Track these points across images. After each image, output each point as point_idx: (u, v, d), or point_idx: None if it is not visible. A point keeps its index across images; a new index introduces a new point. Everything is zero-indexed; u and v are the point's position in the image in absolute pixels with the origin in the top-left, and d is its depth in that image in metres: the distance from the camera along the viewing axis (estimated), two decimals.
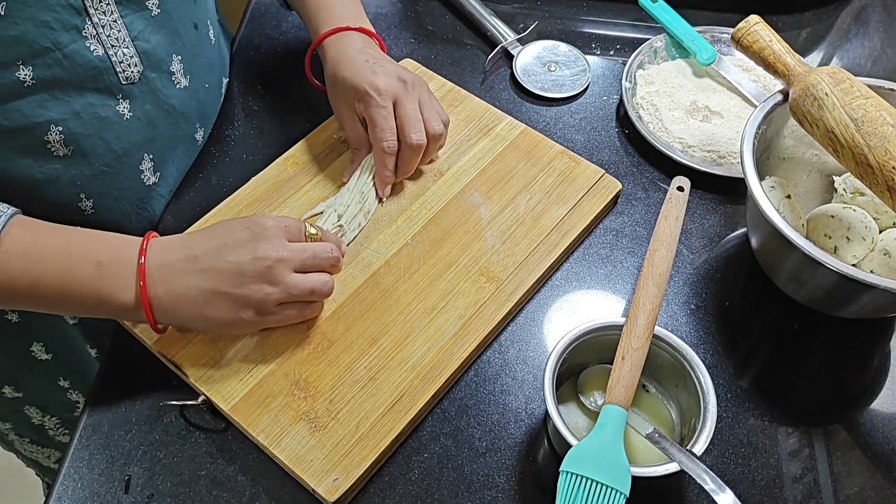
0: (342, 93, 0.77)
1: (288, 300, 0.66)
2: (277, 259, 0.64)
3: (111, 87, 0.69)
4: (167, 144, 0.78)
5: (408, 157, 0.76)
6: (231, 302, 0.64)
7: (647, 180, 0.84)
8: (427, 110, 0.77)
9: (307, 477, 0.63)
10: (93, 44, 0.66)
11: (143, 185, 0.77)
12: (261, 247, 0.64)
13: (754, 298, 0.76)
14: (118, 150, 0.72)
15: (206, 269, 0.64)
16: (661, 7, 0.95)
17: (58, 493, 0.64)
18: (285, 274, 0.65)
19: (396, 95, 0.75)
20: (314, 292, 0.66)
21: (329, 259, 0.68)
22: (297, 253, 0.66)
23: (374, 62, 0.76)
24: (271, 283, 0.64)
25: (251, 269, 0.63)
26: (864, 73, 0.90)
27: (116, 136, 0.71)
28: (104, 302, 0.63)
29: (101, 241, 0.65)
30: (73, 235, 0.64)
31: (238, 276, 0.63)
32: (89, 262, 0.62)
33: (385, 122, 0.75)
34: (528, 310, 0.75)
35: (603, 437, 0.58)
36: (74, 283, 0.62)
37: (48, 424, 0.96)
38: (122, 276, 0.63)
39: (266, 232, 0.65)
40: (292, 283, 0.65)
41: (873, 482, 0.66)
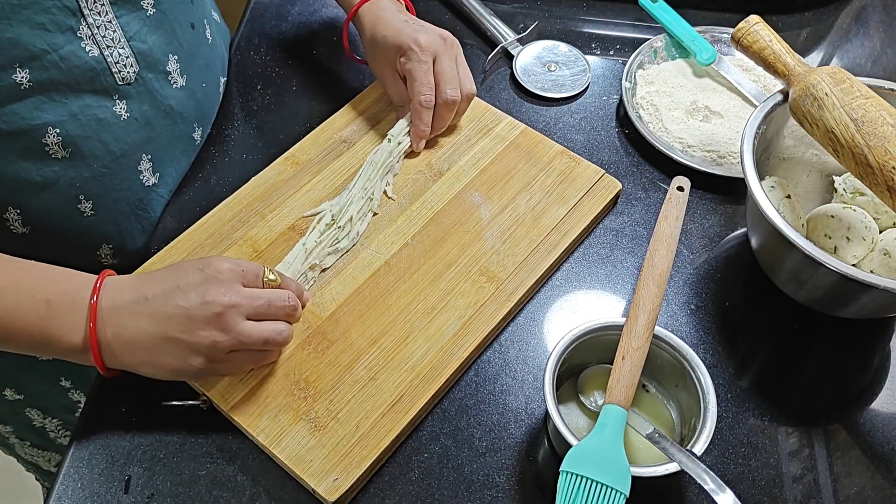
0: (384, 52, 0.81)
1: (239, 348, 0.62)
2: (228, 305, 0.60)
3: (108, 88, 0.69)
4: (165, 145, 0.78)
5: (442, 113, 0.80)
6: (180, 348, 0.60)
7: (647, 180, 0.84)
8: (462, 69, 0.81)
9: (307, 477, 0.63)
10: (88, 45, 0.66)
11: (143, 185, 0.77)
12: (211, 291, 0.60)
13: (754, 298, 0.76)
14: (116, 151, 0.72)
15: (155, 313, 0.60)
16: (661, 7, 0.95)
17: (58, 493, 0.64)
18: (237, 321, 0.61)
19: (437, 52, 0.79)
20: (268, 342, 0.63)
21: (285, 308, 0.64)
22: (251, 300, 0.62)
23: (412, 22, 0.81)
24: (222, 330, 0.60)
25: (200, 314, 0.60)
26: (864, 73, 0.90)
27: (114, 137, 0.71)
28: (51, 343, 0.61)
29: (53, 279, 0.62)
30: (24, 273, 0.62)
31: (187, 322, 0.60)
32: (38, 301, 0.60)
33: (424, 76, 0.78)
34: (528, 310, 0.75)
35: (603, 437, 0.58)
36: (20, 323, 0.59)
37: (49, 426, 0.96)
38: (70, 318, 0.60)
39: (219, 275, 0.62)
40: (245, 332, 0.61)
41: (873, 482, 0.66)
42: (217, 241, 0.76)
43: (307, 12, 1.00)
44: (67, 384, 0.90)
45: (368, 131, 0.85)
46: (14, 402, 0.89)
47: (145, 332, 0.61)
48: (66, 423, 0.97)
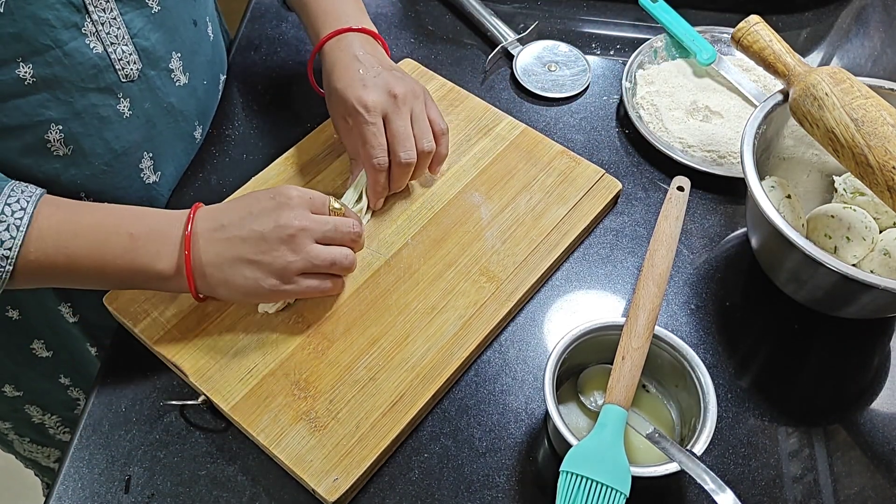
0: (335, 103, 0.76)
1: (309, 269, 0.66)
2: (300, 228, 0.65)
3: (111, 86, 0.69)
4: (167, 143, 0.78)
5: (398, 174, 0.75)
6: (254, 269, 0.65)
7: (647, 180, 0.84)
8: (418, 125, 0.75)
9: (307, 477, 0.63)
10: (92, 41, 0.66)
11: (144, 183, 0.77)
12: (284, 215, 0.65)
13: (754, 298, 0.76)
14: (118, 148, 0.72)
15: (231, 238, 0.65)
16: (661, 7, 0.95)
17: (58, 493, 0.64)
18: (307, 243, 0.65)
19: (385, 111, 0.73)
20: (335, 264, 0.67)
21: (350, 234, 0.68)
22: (320, 224, 0.66)
23: (366, 72, 0.74)
24: (293, 251, 0.65)
25: (274, 236, 0.64)
26: (864, 73, 0.90)
27: (116, 135, 0.71)
28: (138, 272, 0.64)
29: (132, 214, 0.66)
30: (104, 211, 0.66)
31: (261, 243, 0.64)
32: (122, 235, 0.64)
33: (374, 139, 0.73)
34: (528, 310, 0.75)
35: (603, 437, 0.58)
36: (108, 257, 0.63)
37: (48, 423, 0.96)
38: (154, 247, 0.64)
39: (290, 201, 0.66)
40: (314, 253, 0.66)
41: (873, 482, 0.66)
42: None
43: None
44: (66, 381, 0.90)
45: None
46: (13, 398, 0.89)
47: (221, 256, 0.65)
48: (66, 420, 0.97)
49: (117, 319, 0.72)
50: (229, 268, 0.65)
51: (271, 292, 0.66)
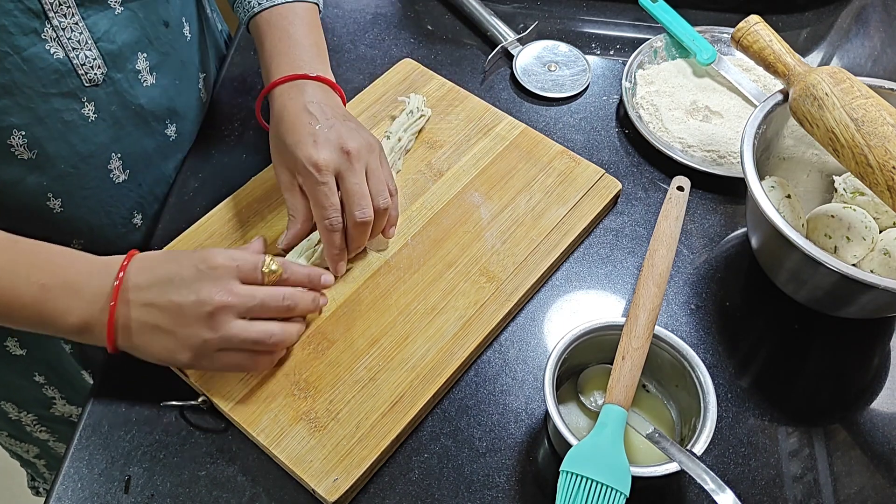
0: (282, 156, 0.71)
1: (228, 347, 0.62)
2: (220, 305, 0.61)
3: (74, 91, 0.68)
4: (136, 143, 0.76)
5: (355, 235, 0.70)
6: (170, 339, 0.62)
7: (647, 180, 0.84)
8: (374, 182, 0.70)
9: (307, 477, 0.63)
10: (53, 47, 0.65)
11: (113, 183, 0.76)
12: (205, 288, 0.61)
13: (754, 298, 0.76)
14: (84, 151, 0.71)
15: (149, 304, 0.62)
16: (661, 7, 0.95)
17: (58, 493, 0.64)
18: (227, 320, 0.61)
19: (338, 169, 0.68)
20: (257, 342, 0.63)
21: (279, 308, 0.64)
22: (244, 299, 0.62)
23: (319, 126, 0.69)
24: (211, 329, 0.61)
25: (192, 312, 0.61)
26: (864, 73, 0.90)
27: (82, 138, 0.70)
28: (46, 324, 0.62)
29: (50, 262, 0.63)
30: (21, 253, 0.63)
31: (178, 317, 0.61)
32: (32, 285, 0.61)
33: (326, 199, 0.68)
34: (528, 310, 0.75)
35: (603, 437, 0.58)
36: (16, 303, 0.61)
37: (25, 420, 0.95)
38: (65, 301, 0.61)
39: (214, 272, 0.62)
40: (234, 332, 0.61)
41: (873, 482, 0.66)
42: (217, 241, 0.76)
43: None
44: (41, 380, 0.90)
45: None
46: None
47: (139, 320, 0.62)
48: (42, 419, 0.96)
49: None
50: (144, 334, 0.62)
51: (188, 365, 0.64)
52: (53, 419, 0.97)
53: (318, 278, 0.69)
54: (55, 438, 1.01)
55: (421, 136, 0.84)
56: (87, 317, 0.62)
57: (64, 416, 0.97)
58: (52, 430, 0.99)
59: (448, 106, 0.87)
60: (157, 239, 0.79)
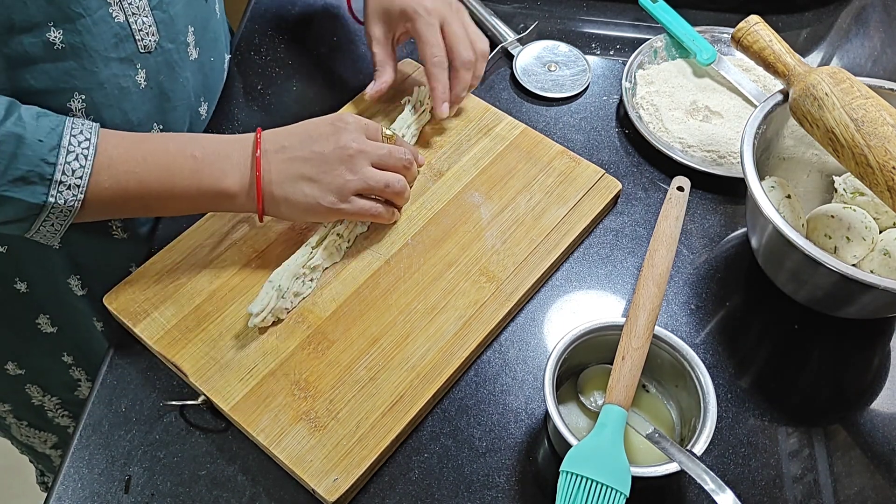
0: (385, 14, 0.80)
1: (364, 190, 0.71)
2: (358, 150, 0.70)
3: (130, 56, 0.70)
4: (177, 116, 0.79)
5: (461, 74, 0.80)
6: (314, 186, 0.69)
7: (647, 180, 0.84)
8: (472, 29, 0.81)
9: (307, 477, 0.63)
10: (115, 10, 0.66)
11: None
12: (343, 137, 0.70)
13: (754, 298, 0.76)
14: (134, 120, 0.73)
15: (293, 158, 0.69)
16: (661, 7, 0.95)
17: (58, 493, 0.64)
18: (364, 164, 0.70)
19: (443, 15, 0.79)
20: (388, 186, 0.72)
21: (402, 160, 0.73)
22: (376, 148, 0.71)
23: None
24: (351, 171, 0.69)
25: (334, 156, 0.69)
26: (864, 73, 0.90)
27: (133, 106, 0.72)
28: (205, 192, 0.68)
29: (193, 139, 0.70)
30: (166, 138, 0.70)
31: (321, 163, 0.69)
32: (187, 157, 0.67)
33: (434, 37, 0.79)
34: (528, 310, 0.75)
35: (603, 437, 0.58)
36: (176, 179, 0.67)
37: (48, 405, 0.96)
38: (219, 167, 0.68)
39: (348, 126, 0.71)
40: (370, 174, 0.70)
41: (873, 482, 0.66)
42: (217, 241, 0.76)
43: (307, 12, 1.00)
44: (69, 360, 0.90)
45: None
46: (15, 377, 0.89)
47: (284, 174, 0.69)
48: (65, 403, 0.97)
49: (117, 319, 0.72)
50: (291, 185, 0.69)
51: (328, 209, 0.70)
52: (77, 402, 0.97)
53: (417, 154, 0.78)
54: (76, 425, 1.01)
55: (421, 137, 0.84)
56: (240, 178, 0.68)
57: None
58: (74, 416, 1.00)
59: None
60: (157, 239, 0.79)
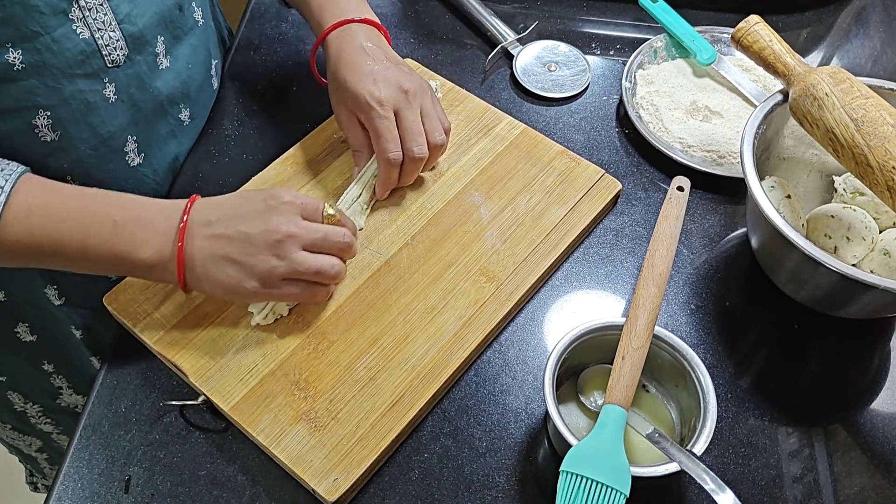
0: (343, 96, 0.76)
1: (292, 276, 0.66)
2: (287, 234, 0.65)
3: (98, 72, 0.69)
4: (151, 126, 0.78)
5: (410, 169, 0.76)
6: (237, 269, 0.65)
7: (647, 180, 0.84)
8: (429, 120, 0.76)
9: (307, 477, 0.63)
10: (79, 27, 0.66)
11: (128, 166, 0.77)
12: (273, 219, 0.65)
13: (754, 298, 0.76)
14: (103, 133, 0.73)
15: (219, 235, 0.65)
16: (661, 7, 0.95)
17: (58, 493, 0.64)
18: (293, 249, 0.65)
19: (398, 106, 0.74)
20: (320, 273, 0.67)
21: (339, 244, 0.68)
22: (309, 231, 0.66)
23: (376, 65, 0.75)
24: (278, 257, 0.65)
25: (260, 239, 0.65)
26: (864, 73, 0.90)
27: (102, 120, 0.72)
28: (121, 260, 0.65)
29: (119, 201, 0.66)
30: (92, 196, 0.66)
31: (247, 245, 0.65)
32: (107, 221, 0.64)
33: (389, 133, 0.74)
34: (528, 310, 0.75)
35: (603, 437, 0.58)
36: (92, 242, 0.63)
37: (30, 412, 0.96)
38: (138, 236, 0.64)
39: (281, 206, 0.66)
40: (299, 260, 0.65)
41: (873, 482, 0.66)
42: None
43: None
44: (49, 368, 0.90)
45: None
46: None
47: (208, 252, 0.65)
48: (47, 410, 0.97)
49: (117, 319, 0.72)
50: (213, 264, 0.65)
51: (252, 294, 0.66)
52: (59, 410, 0.97)
53: (356, 229, 0.74)
54: (59, 431, 1.01)
55: None
56: (159, 249, 0.65)
57: (70, 407, 0.97)
58: (57, 422, 0.99)
59: (448, 106, 0.87)
60: None
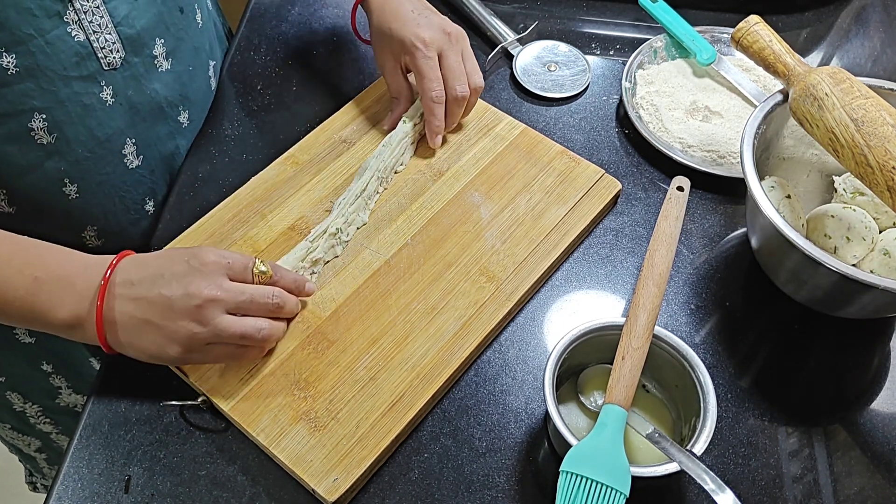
0: (388, 44, 0.80)
1: (216, 341, 0.63)
2: (208, 298, 0.61)
3: (94, 74, 0.69)
4: (149, 128, 0.78)
5: (453, 109, 0.80)
6: (158, 334, 0.62)
7: (647, 180, 0.84)
8: (469, 63, 0.81)
9: (307, 477, 0.63)
10: (74, 30, 0.66)
11: (126, 168, 0.77)
12: (194, 283, 0.62)
13: (754, 298, 0.76)
14: (101, 136, 0.72)
15: (138, 298, 0.62)
16: (661, 7, 0.95)
17: (58, 493, 0.64)
18: (216, 314, 0.62)
19: (441, 48, 0.79)
20: (244, 337, 0.63)
21: (268, 305, 0.65)
22: (233, 294, 0.63)
23: (418, 13, 0.80)
24: (199, 323, 0.62)
25: (181, 304, 0.61)
26: (864, 73, 0.90)
27: (99, 122, 0.72)
28: (37, 317, 0.62)
29: (42, 257, 0.63)
30: (15, 248, 0.63)
31: (166, 310, 0.62)
32: (26, 277, 0.61)
33: (432, 72, 0.78)
34: (528, 310, 0.75)
35: (603, 437, 0.58)
36: (9, 296, 0.61)
37: (29, 412, 0.96)
38: (57, 295, 0.62)
39: (204, 268, 0.63)
40: (222, 326, 0.62)
41: (873, 482, 0.66)
42: (217, 241, 0.76)
43: (307, 12, 1.00)
44: (48, 368, 0.90)
45: (368, 131, 0.85)
46: None
47: (128, 315, 0.62)
48: (46, 410, 0.96)
49: None
50: (134, 329, 0.62)
51: (177, 359, 0.64)
52: (58, 410, 0.97)
53: (304, 285, 0.70)
54: (58, 431, 1.01)
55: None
56: (77, 311, 0.62)
57: (69, 407, 0.97)
58: (56, 422, 0.99)
59: None
60: (156, 239, 0.79)
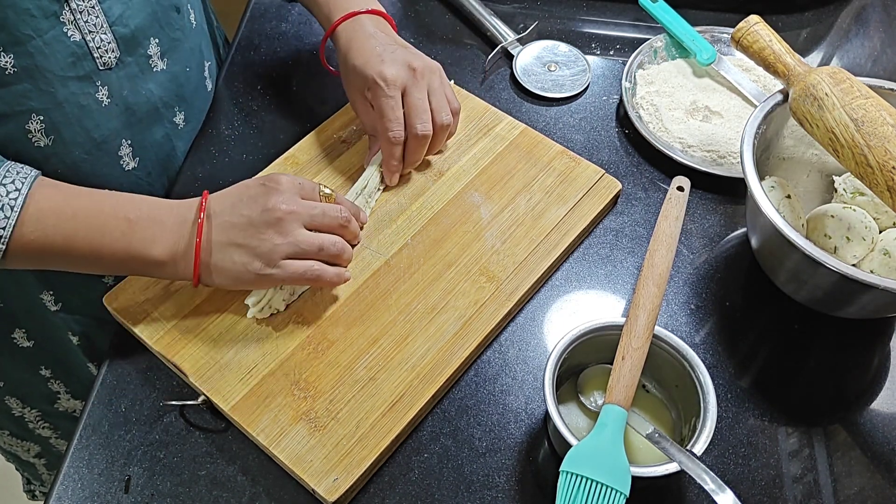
0: (353, 80, 0.78)
1: (297, 254, 0.66)
2: (287, 211, 0.66)
3: (89, 74, 0.69)
4: (145, 129, 0.78)
5: (414, 147, 0.77)
6: (241, 252, 0.65)
7: (647, 180, 0.84)
8: (436, 99, 0.77)
9: (307, 477, 0.63)
10: (71, 30, 0.66)
11: (122, 170, 0.77)
12: (272, 199, 0.66)
13: (754, 298, 0.76)
14: (97, 137, 0.73)
15: (222, 223, 0.66)
16: (661, 7, 0.95)
17: (58, 493, 0.64)
18: (294, 227, 0.66)
19: (405, 84, 0.75)
20: (322, 249, 0.67)
21: (338, 219, 0.69)
22: (307, 208, 0.67)
23: (383, 49, 0.76)
24: (280, 234, 0.65)
25: (261, 220, 0.65)
26: (864, 73, 0.90)
27: (96, 123, 0.72)
28: (133, 257, 0.65)
29: (131, 200, 0.67)
30: (104, 195, 0.66)
31: (249, 227, 0.65)
32: (119, 219, 0.65)
33: (392, 112, 0.75)
34: (528, 310, 0.75)
35: (603, 437, 0.58)
36: (105, 240, 0.64)
37: (28, 416, 0.96)
38: (150, 233, 0.65)
39: (279, 186, 0.67)
40: (301, 237, 0.66)
41: (873, 482, 0.66)
42: None
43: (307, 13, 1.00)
44: (47, 373, 0.90)
45: None
46: None
47: (213, 241, 0.66)
48: (45, 415, 0.97)
49: (117, 319, 0.72)
50: (219, 252, 0.66)
51: (258, 276, 0.66)
52: (57, 415, 0.97)
53: (359, 212, 0.75)
54: (57, 436, 1.01)
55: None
56: (172, 246, 0.66)
57: (68, 412, 0.97)
58: (55, 427, 0.99)
59: None
60: None
